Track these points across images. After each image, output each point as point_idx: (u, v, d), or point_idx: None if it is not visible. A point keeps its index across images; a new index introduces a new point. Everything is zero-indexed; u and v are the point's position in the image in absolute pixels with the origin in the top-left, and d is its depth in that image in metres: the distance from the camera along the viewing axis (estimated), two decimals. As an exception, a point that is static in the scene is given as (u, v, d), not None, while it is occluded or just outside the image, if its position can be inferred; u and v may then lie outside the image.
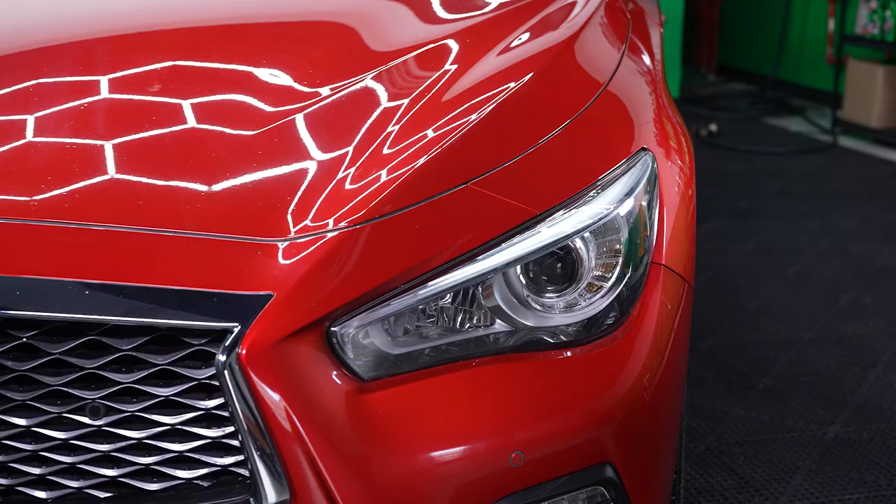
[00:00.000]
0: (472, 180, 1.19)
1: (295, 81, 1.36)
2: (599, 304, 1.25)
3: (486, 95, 1.33)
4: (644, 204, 1.30)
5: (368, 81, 1.35)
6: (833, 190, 4.72)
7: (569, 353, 1.22)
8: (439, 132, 1.24)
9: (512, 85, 1.36)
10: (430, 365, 1.16)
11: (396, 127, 1.25)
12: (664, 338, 1.29)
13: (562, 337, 1.23)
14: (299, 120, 1.27)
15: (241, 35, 1.55)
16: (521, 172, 1.24)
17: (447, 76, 1.37)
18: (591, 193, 1.26)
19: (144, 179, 1.17)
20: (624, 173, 1.32)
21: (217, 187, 1.16)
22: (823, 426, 2.43)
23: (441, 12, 1.69)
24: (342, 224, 1.12)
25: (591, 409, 1.21)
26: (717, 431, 2.38)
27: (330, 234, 1.11)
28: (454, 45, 1.49)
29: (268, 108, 1.30)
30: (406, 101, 1.30)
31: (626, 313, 1.26)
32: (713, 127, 5.88)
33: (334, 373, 1.11)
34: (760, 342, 2.92)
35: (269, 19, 1.61)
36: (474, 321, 1.21)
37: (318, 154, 1.22)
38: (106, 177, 1.16)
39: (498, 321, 1.21)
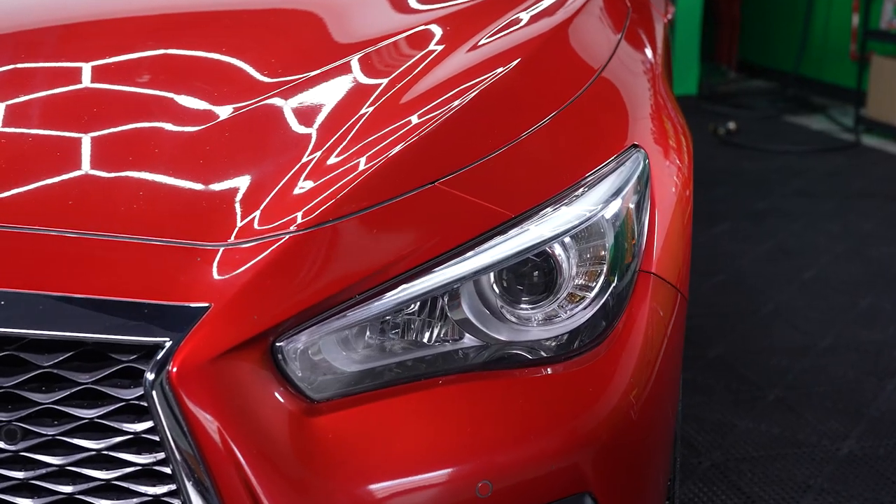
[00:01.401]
0: (439, 179, 1.09)
1: (252, 72, 1.26)
2: (581, 316, 1.14)
3: (462, 87, 1.22)
4: (632, 206, 1.19)
5: (332, 73, 1.24)
6: (854, 190, 4.57)
7: (547, 371, 1.11)
8: (406, 127, 1.13)
9: (491, 75, 1.25)
10: (390, 383, 1.06)
11: (359, 122, 1.14)
12: (653, 353, 1.17)
13: (540, 352, 1.12)
14: (252, 114, 1.16)
15: (200, 23, 1.45)
16: (497, 170, 1.13)
17: (420, 67, 1.26)
18: (575, 194, 1.15)
19: (76, 177, 1.07)
20: (612, 172, 1.20)
21: (157, 186, 1.06)
22: (837, 441, 2.30)
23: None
24: (291, 228, 1.02)
25: (569, 431, 1.10)
26: (723, 446, 2.26)
27: (277, 239, 1.00)
28: (431, 33, 1.38)
29: (220, 101, 1.19)
30: (372, 93, 1.19)
31: (610, 326, 1.15)
32: (731, 125, 5.74)
33: (279, 393, 1.00)
34: (773, 349, 2.79)
35: (232, 7, 1.51)
36: (440, 335, 1.10)
37: (270, 151, 1.11)
38: (32, 174, 1.06)
39: (467, 335, 1.10)
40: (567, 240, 1.12)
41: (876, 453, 2.24)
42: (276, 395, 1.00)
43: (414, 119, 1.14)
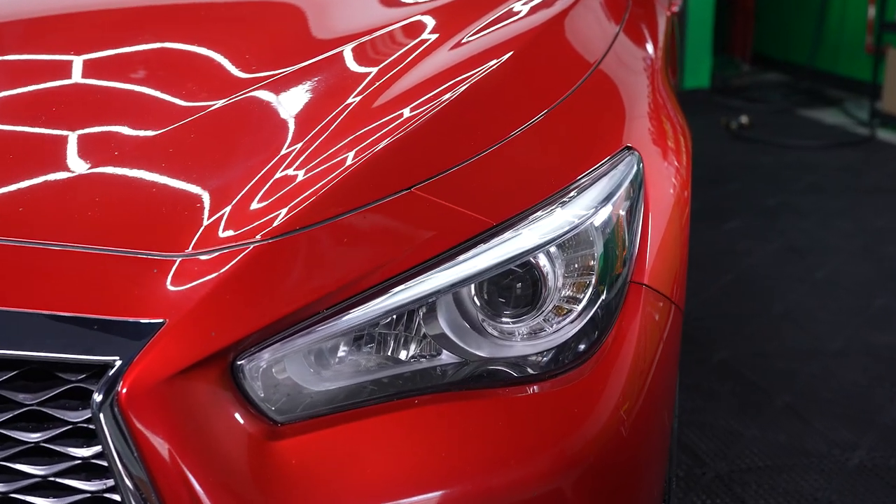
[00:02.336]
0: (416, 185, 1.01)
1: (220, 70, 1.19)
2: (568, 330, 1.07)
3: (445, 85, 1.15)
4: (623, 213, 1.11)
5: (305, 71, 1.17)
6: (868, 186, 4.46)
7: (531, 389, 1.04)
8: (382, 129, 1.06)
9: (476, 72, 1.18)
10: (360, 404, 0.99)
11: (332, 124, 1.07)
12: (644, 370, 1.10)
13: (524, 369, 1.05)
14: (219, 114, 1.10)
15: (168, 17, 1.38)
16: (478, 175, 1.06)
17: (400, 64, 1.19)
18: (562, 199, 1.08)
19: (29, 182, 1.00)
20: (603, 175, 1.13)
21: (114, 192, 1.00)
22: (847, 451, 2.21)
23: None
24: (256, 237, 0.95)
25: (555, 454, 1.03)
26: (728, 455, 2.18)
27: (240, 249, 0.94)
28: (414, 28, 1.31)
29: (187, 100, 1.13)
30: (347, 94, 1.12)
31: (599, 341, 1.07)
32: (744, 119, 5.63)
33: (239, 414, 0.93)
34: (781, 352, 2.71)
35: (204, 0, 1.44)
36: (417, 351, 1.03)
37: (237, 154, 1.05)
38: (-22, 179, 0.99)
39: (445, 351, 1.03)
40: (553, 249, 1.05)
41: (888, 464, 2.16)
42: (236, 417, 0.93)
43: (390, 120, 1.07)
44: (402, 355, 1.03)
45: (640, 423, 1.10)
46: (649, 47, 1.69)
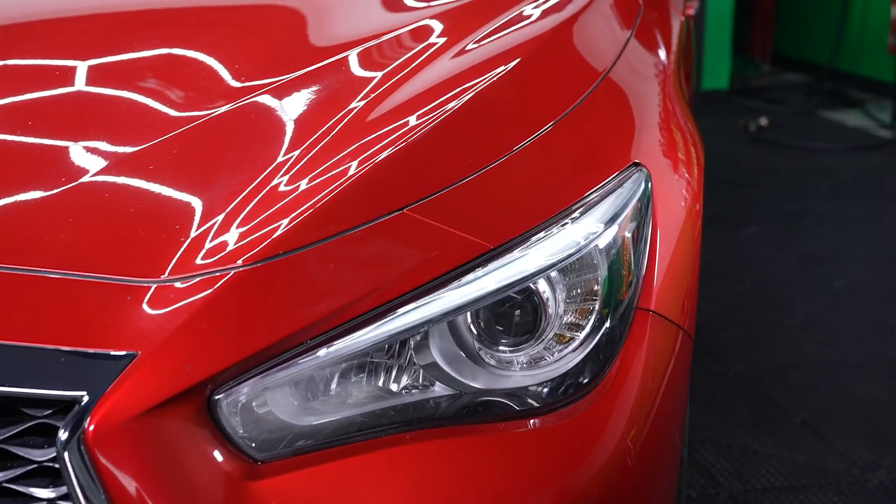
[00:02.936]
0: (409, 206, 0.96)
1: (209, 80, 1.13)
2: (570, 359, 1.01)
3: (443, 98, 1.09)
4: (629, 235, 1.05)
5: (297, 82, 1.12)
6: (890, 191, 4.37)
7: (531, 423, 0.98)
8: (375, 145, 1.01)
9: (477, 84, 1.12)
10: (346, 440, 0.93)
11: (323, 140, 1.01)
12: (649, 402, 1.04)
13: (524, 400, 0.99)
14: (205, 128, 1.04)
15: (163, 21, 1.32)
16: (476, 195, 1.00)
17: (397, 76, 1.13)
18: (564, 221, 1.02)
19: (-1, 202, 0.95)
20: (608, 194, 1.07)
21: (89, 212, 0.94)
22: (867, 471, 2.13)
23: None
24: (237, 262, 0.89)
25: (556, 492, 0.97)
26: (743, 475, 2.11)
27: (220, 276, 0.88)
28: (414, 37, 1.25)
29: (171, 113, 1.07)
30: (340, 107, 1.06)
31: (602, 372, 1.01)
32: (763, 121, 5.53)
33: (216, 452, 0.88)
34: (799, 366, 2.63)
35: (203, 2, 1.39)
36: (407, 382, 0.97)
37: (221, 171, 0.99)
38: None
39: (438, 383, 0.97)
40: (554, 274, 0.99)
41: (908, 485, 2.08)
42: (213, 455, 0.88)
43: (383, 136, 1.02)
44: (394, 386, 0.97)
45: (647, 455, 1.04)
46: (662, 53, 1.62)
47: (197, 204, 0.95)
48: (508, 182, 1.03)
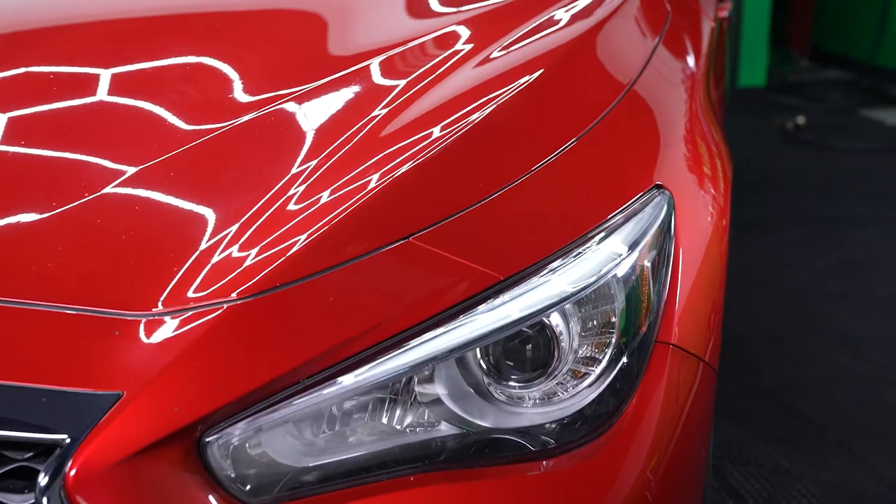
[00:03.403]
0: (414, 234, 0.90)
1: (215, 93, 1.09)
2: (586, 395, 0.95)
3: (455, 117, 1.03)
4: (648, 264, 0.99)
5: (301, 99, 1.06)
6: (932, 194, 4.24)
7: (544, 465, 0.92)
8: (379, 169, 0.95)
9: (491, 102, 1.06)
10: (347, 483, 0.88)
11: (327, 162, 0.96)
12: (668, 441, 0.98)
13: (537, 439, 0.93)
14: (203, 149, 1.00)
15: (166, 30, 1.28)
16: (486, 221, 0.94)
17: (407, 94, 1.07)
18: (579, 249, 0.96)
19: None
20: (627, 220, 1.00)
21: (79, 240, 0.90)
22: (904, 494, 2.05)
23: (424, 6, 1.39)
24: (232, 295, 0.85)
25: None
26: (773, 497, 2.03)
27: (211, 310, 0.83)
28: (428, 50, 1.19)
29: (169, 131, 1.03)
30: (346, 128, 1.01)
31: (619, 409, 0.95)
32: (800, 119, 5.41)
33: (209, 498, 0.83)
34: (834, 380, 2.54)
35: (213, 8, 1.34)
36: (413, 420, 0.92)
37: (217, 197, 0.94)
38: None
39: (444, 422, 0.92)
40: (568, 306, 0.93)
41: (948, 509, 2.00)
42: (204, 501, 0.83)
43: (389, 159, 0.96)
44: (398, 425, 0.92)
45: (666, 496, 0.98)
46: (690, 60, 1.55)
47: (192, 231, 0.90)
48: (521, 207, 0.97)
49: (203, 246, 0.88)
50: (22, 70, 1.18)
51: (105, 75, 1.14)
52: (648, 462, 0.95)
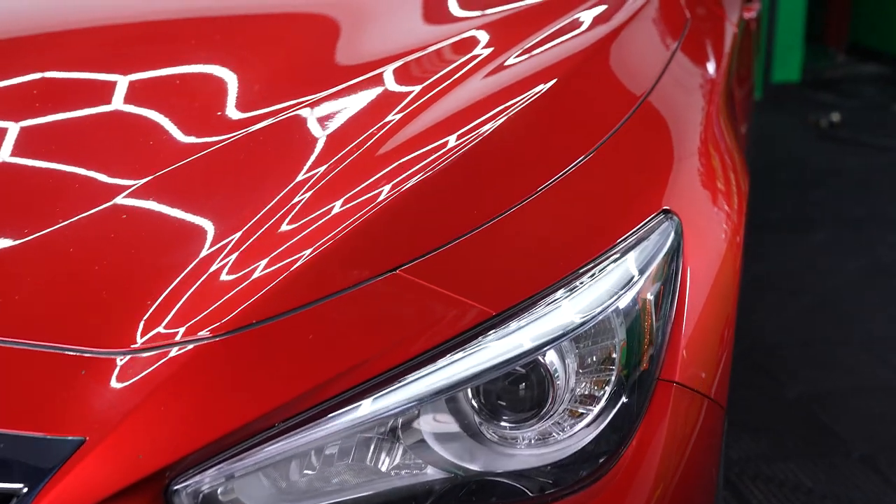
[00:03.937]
0: (402, 265, 0.85)
1: (207, 108, 1.04)
2: (583, 436, 0.90)
3: (447, 139, 0.97)
4: (651, 298, 0.93)
5: (291, 118, 1.01)
6: (970, 195, 4.11)
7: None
8: (365, 194, 0.90)
9: (492, 120, 1.00)
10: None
11: (314, 188, 0.91)
12: (669, 483, 0.92)
13: (531, 482, 0.88)
14: (186, 171, 0.95)
15: (160, 38, 1.23)
16: (479, 252, 0.89)
17: (403, 112, 1.01)
18: (579, 281, 0.90)
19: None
20: (630, 249, 0.94)
21: (45, 269, 0.86)
22: (932, 516, 1.97)
23: (437, 14, 1.33)
24: (201, 332, 0.80)
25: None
26: (794, 516, 1.97)
27: (180, 347, 0.79)
28: (431, 63, 1.13)
29: (153, 152, 0.98)
30: (338, 150, 0.95)
31: (618, 451, 0.90)
32: (835, 117, 5.28)
33: (178, 549, 0.79)
34: (863, 392, 2.46)
35: (215, 13, 1.29)
36: (398, 461, 0.87)
37: (196, 225, 0.89)
38: None
39: (429, 466, 0.87)
40: (565, 342, 0.88)
41: (979, 534, 1.92)
42: (173, 550, 0.78)
43: (376, 184, 0.91)
44: (382, 467, 0.87)
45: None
46: (710, 66, 1.49)
47: (168, 261, 0.85)
48: (517, 237, 0.91)
49: (178, 278, 0.83)
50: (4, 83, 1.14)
51: (90, 86, 1.11)
52: (649, 505, 0.90)
